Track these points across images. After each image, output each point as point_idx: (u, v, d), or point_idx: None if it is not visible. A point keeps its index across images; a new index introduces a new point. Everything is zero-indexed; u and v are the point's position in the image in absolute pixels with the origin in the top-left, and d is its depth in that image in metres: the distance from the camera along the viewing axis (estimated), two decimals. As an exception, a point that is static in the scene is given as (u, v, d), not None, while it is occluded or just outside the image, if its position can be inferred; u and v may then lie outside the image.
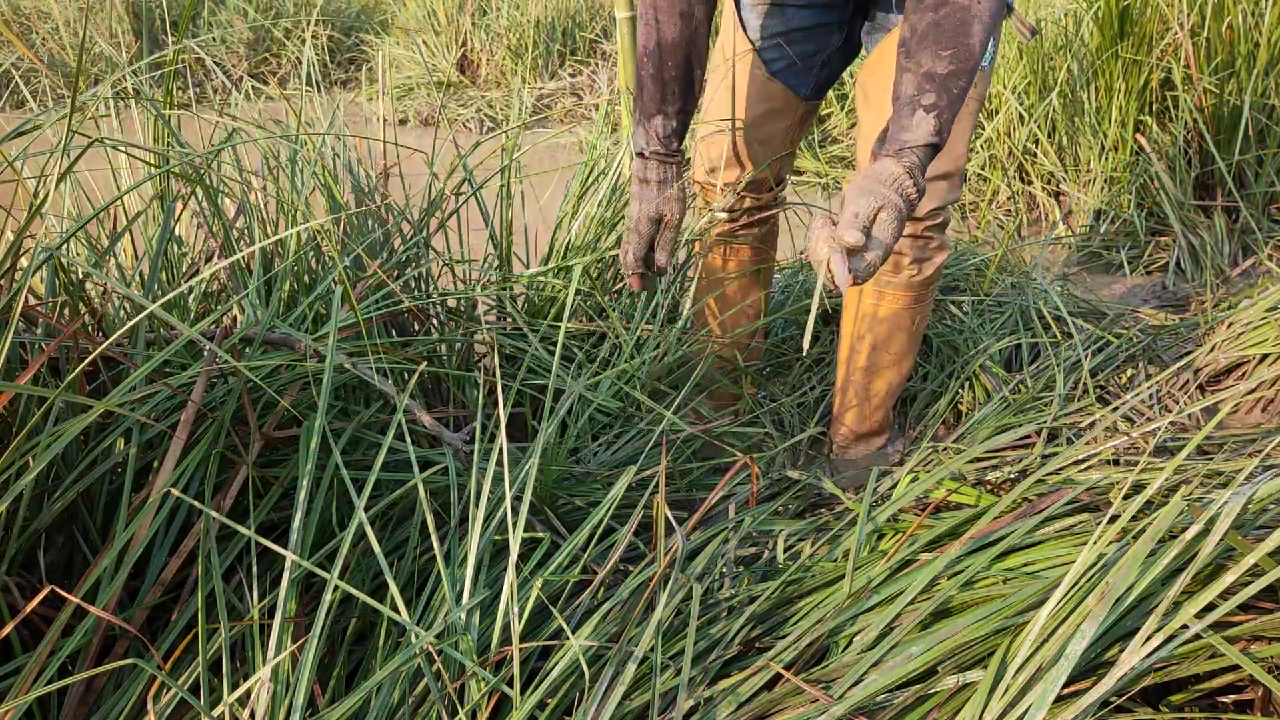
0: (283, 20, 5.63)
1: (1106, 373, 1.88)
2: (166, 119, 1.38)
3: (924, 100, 1.09)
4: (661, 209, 1.43)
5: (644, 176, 1.43)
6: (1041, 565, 1.05)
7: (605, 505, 1.10)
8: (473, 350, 1.60)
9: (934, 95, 1.09)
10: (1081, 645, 0.83)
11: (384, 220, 1.59)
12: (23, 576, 0.97)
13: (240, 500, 1.09)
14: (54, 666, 0.87)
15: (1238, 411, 1.79)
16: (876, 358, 1.57)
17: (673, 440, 1.47)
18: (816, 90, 1.56)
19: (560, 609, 1.05)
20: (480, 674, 0.90)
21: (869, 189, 1.06)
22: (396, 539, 1.16)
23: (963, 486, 1.29)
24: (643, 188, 1.43)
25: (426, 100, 4.86)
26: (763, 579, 1.16)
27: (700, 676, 0.98)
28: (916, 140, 1.09)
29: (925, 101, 1.09)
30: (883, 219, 1.05)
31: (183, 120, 1.57)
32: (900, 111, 1.11)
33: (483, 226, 1.69)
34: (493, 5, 5.19)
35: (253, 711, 0.87)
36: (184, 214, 1.53)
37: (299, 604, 0.98)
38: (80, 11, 5.45)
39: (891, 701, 0.92)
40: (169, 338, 1.16)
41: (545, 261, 1.77)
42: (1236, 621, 0.91)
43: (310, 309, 1.32)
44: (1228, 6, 2.67)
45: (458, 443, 1.18)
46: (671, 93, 1.39)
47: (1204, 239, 2.54)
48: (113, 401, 0.96)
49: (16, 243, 1.00)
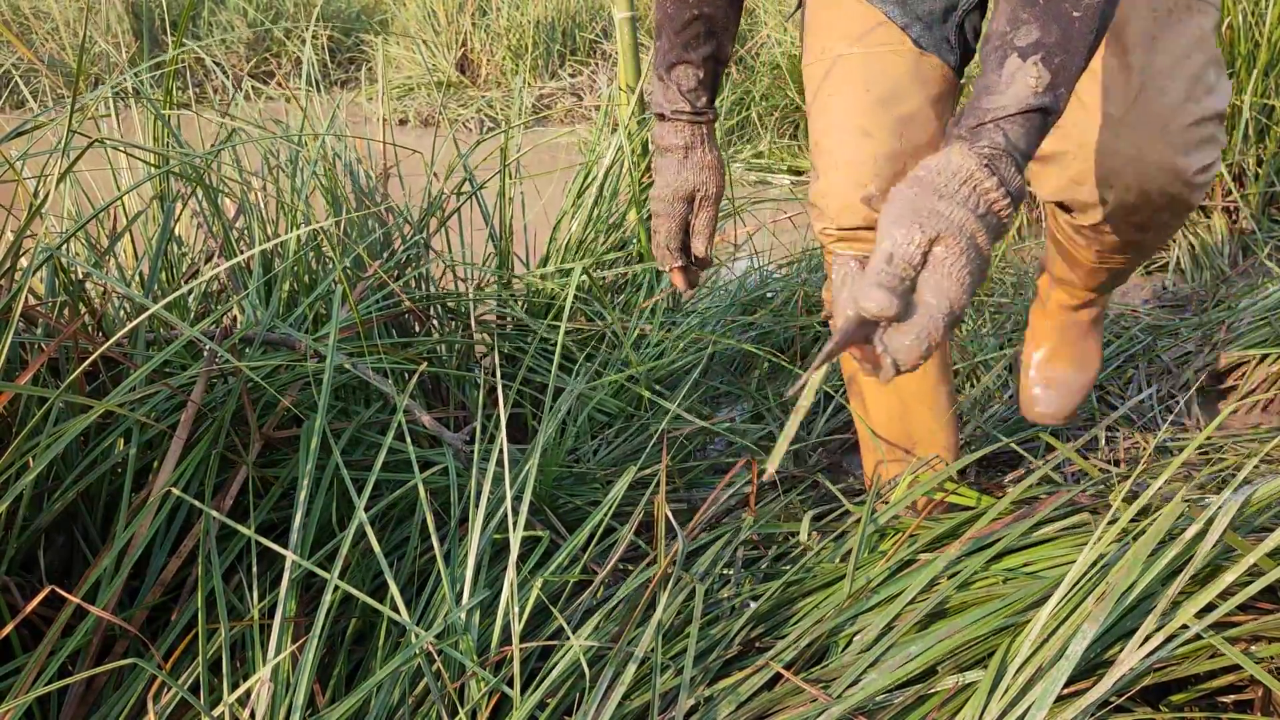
0: (283, 20, 5.63)
1: (1107, 373, 1.89)
2: (166, 119, 1.38)
3: (1020, 39, 0.70)
4: (694, 182, 1.13)
5: (668, 143, 1.13)
6: (1041, 566, 1.05)
7: (605, 505, 1.10)
8: (473, 350, 1.60)
9: (1038, 29, 0.69)
10: (1082, 645, 0.83)
11: (384, 220, 1.59)
12: (23, 576, 0.97)
13: (240, 500, 1.09)
14: (54, 666, 0.87)
15: (1237, 412, 1.79)
16: None
17: (674, 438, 1.47)
18: (963, 59, 1.11)
19: (560, 609, 1.05)
20: (480, 674, 0.90)
21: (915, 205, 0.67)
22: (396, 539, 1.16)
23: (962, 487, 1.29)
24: (667, 158, 1.13)
25: (426, 100, 4.86)
26: (764, 579, 1.16)
27: (700, 676, 0.98)
28: (1007, 106, 0.69)
29: (1022, 41, 0.69)
30: (941, 260, 0.65)
31: (183, 120, 1.57)
32: (986, 61, 0.72)
33: (483, 226, 1.69)
34: (493, 5, 5.19)
35: (253, 711, 0.87)
36: (184, 214, 1.53)
37: (299, 604, 0.98)
38: (80, 11, 5.44)
39: (891, 701, 0.92)
40: (169, 338, 1.16)
41: (544, 263, 1.77)
42: (1237, 622, 0.91)
43: (310, 309, 1.32)
44: (1228, 6, 2.67)
45: (458, 443, 1.18)
46: (697, 34, 1.07)
47: (1204, 239, 2.54)
48: (113, 402, 0.96)
49: (16, 243, 1.00)
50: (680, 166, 1.13)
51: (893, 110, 1.06)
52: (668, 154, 1.14)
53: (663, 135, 1.13)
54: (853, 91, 1.08)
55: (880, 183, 1.05)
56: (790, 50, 3.74)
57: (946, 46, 1.08)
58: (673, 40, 1.08)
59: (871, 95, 1.07)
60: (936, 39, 1.07)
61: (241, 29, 5.66)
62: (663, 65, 1.10)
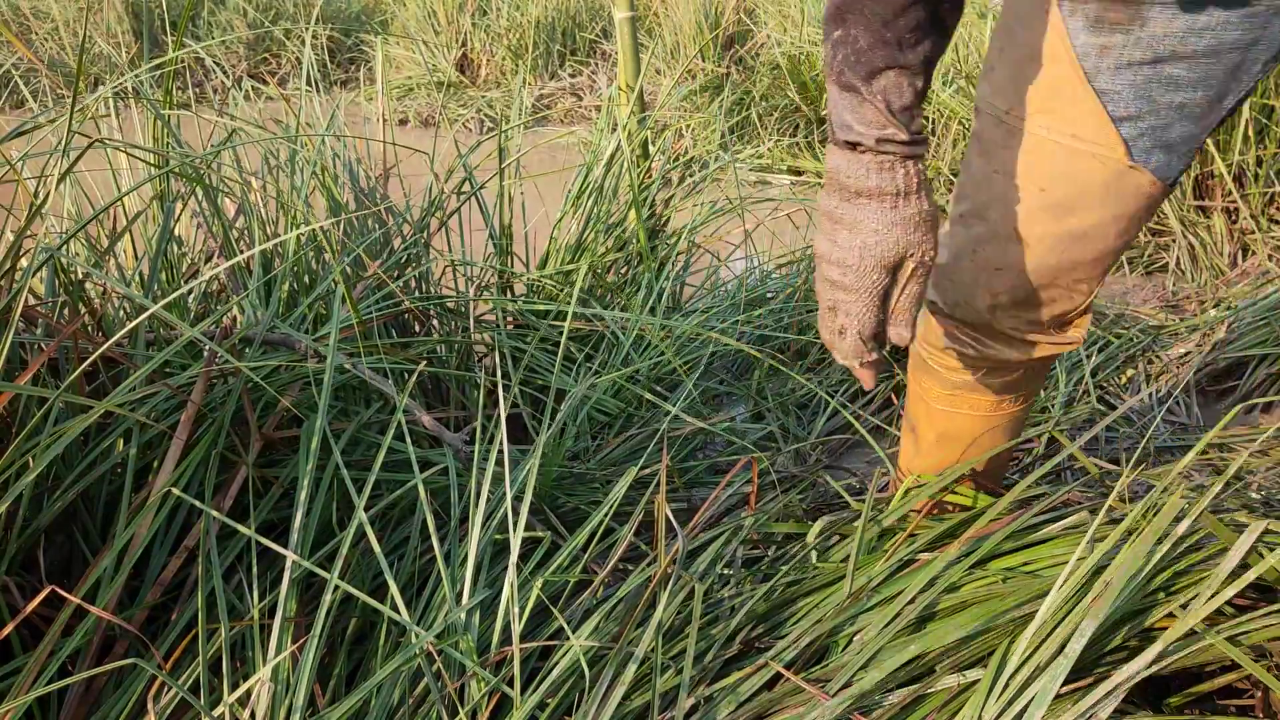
0: (282, 20, 5.63)
1: (1107, 373, 1.89)
2: (166, 119, 1.38)
3: None
4: (905, 244, 0.81)
5: (863, 185, 0.80)
6: (1041, 565, 1.05)
7: (605, 505, 1.10)
8: (472, 350, 1.60)
9: None
10: (1080, 644, 0.83)
11: (384, 220, 1.60)
12: (23, 576, 0.97)
13: (240, 500, 1.09)
14: (54, 666, 0.87)
15: (1238, 413, 1.79)
16: None
17: (674, 438, 1.47)
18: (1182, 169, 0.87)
19: (560, 609, 1.05)
20: (480, 674, 0.90)
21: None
22: (396, 539, 1.16)
23: (961, 487, 1.29)
24: (860, 207, 0.81)
25: (426, 100, 4.86)
26: (764, 579, 1.16)
27: (700, 676, 0.98)
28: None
29: None
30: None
31: (182, 120, 1.57)
32: None
33: (483, 227, 1.69)
34: (493, 5, 5.19)
35: (253, 711, 0.87)
36: (184, 214, 1.53)
37: (299, 604, 0.98)
38: (80, 11, 5.45)
39: (891, 700, 0.92)
40: (169, 338, 1.16)
41: (544, 264, 1.77)
42: (1236, 622, 0.91)
43: (310, 309, 1.32)
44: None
45: (458, 443, 1.18)
46: (915, 25, 0.75)
47: (1204, 239, 2.54)
48: (113, 402, 0.96)
49: (16, 243, 1.00)
50: (885, 220, 0.80)
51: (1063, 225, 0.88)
52: (862, 201, 0.81)
53: (854, 173, 0.80)
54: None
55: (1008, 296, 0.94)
56: (790, 50, 3.74)
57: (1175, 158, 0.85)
58: (877, 34, 0.75)
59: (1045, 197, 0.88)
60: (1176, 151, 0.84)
61: (241, 29, 5.67)
62: (859, 71, 0.77)
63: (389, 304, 1.39)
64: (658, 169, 2.16)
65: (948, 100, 3.11)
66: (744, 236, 2.11)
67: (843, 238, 0.82)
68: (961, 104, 3.11)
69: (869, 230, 0.81)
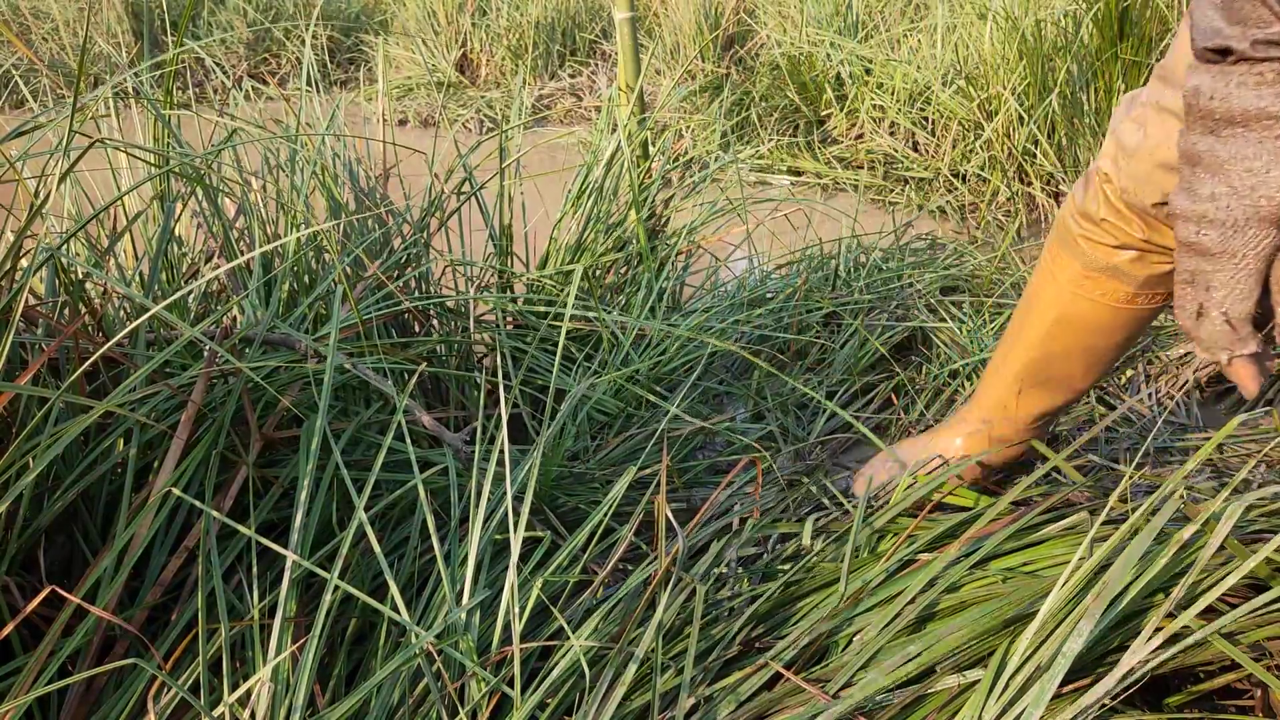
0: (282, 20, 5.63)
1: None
2: (166, 119, 1.38)
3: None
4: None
5: (1235, 110, 0.60)
6: (1040, 565, 1.05)
7: (605, 505, 1.10)
8: (473, 351, 1.60)
9: None
10: (1079, 644, 0.83)
11: (384, 221, 1.60)
12: (23, 576, 0.97)
13: (240, 500, 1.09)
14: (54, 666, 0.87)
15: (1237, 414, 1.79)
16: None
17: (674, 438, 1.47)
18: None
19: (561, 609, 1.05)
20: (480, 674, 0.90)
21: None
22: (396, 539, 1.16)
23: (960, 488, 1.29)
24: (1229, 141, 0.62)
25: (426, 100, 4.86)
26: (763, 579, 1.16)
27: (700, 676, 0.98)
28: None
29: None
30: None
31: (183, 120, 1.57)
32: None
33: (483, 227, 1.69)
34: (493, 5, 5.19)
35: (253, 711, 0.87)
36: (184, 214, 1.53)
37: (299, 604, 0.98)
38: (80, 11, 5.45)
39: (890, 700, 0.92)
40: (169, 338, 1.17)
41: (544, 264, 1.77)
42: (1235, 621, 0.91)
43: (310, 309, 1.32)
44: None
45: (458, 443, 1.18)
46: None
47: (1203, 239, 2.54)
48: (113, 402, 0.96)
49: (17, 243, 1.00)
50: (1265, 155, 0.60)
51: None
52: (1233, 132, 0.61)
53: (1222, 92, 0.61)
54: None
55: None
56: (790, 51, 3.74)
57: None
58: None
59: None
60: None
61: (241, 29, 5.66)
62: None
63: (389, 304, 1.39)
64: (658, 169, 2.16)
65: (948, 100, 3.12)
66: (744, 236, 2.11)
67: (1204, 184, 0.63)
68: (961, 104, 3.11)
69: (1241, 171, 0.61)
